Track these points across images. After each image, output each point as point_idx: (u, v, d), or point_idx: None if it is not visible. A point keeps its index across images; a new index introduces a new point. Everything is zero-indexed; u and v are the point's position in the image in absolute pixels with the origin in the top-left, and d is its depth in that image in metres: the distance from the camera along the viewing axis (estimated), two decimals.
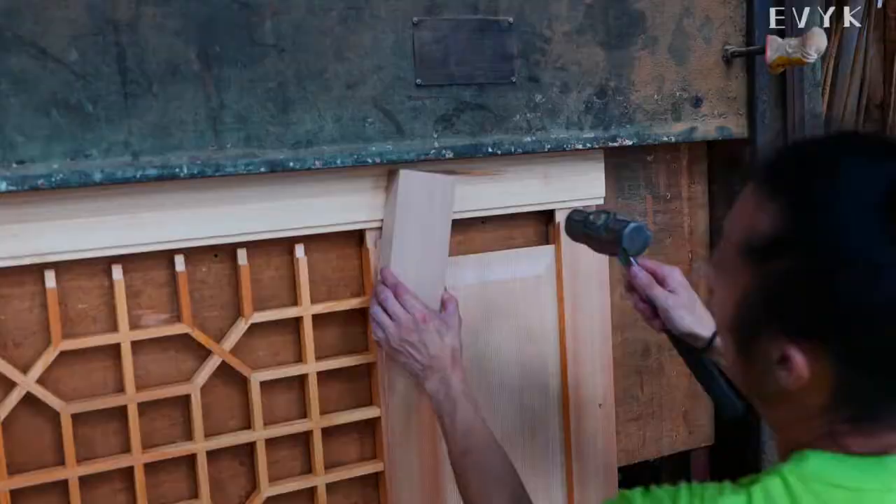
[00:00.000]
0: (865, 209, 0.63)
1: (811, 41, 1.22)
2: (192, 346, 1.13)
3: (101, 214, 1.04)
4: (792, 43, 1.24)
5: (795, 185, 0.67)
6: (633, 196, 1.40)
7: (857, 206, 0.64)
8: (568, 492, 1.36)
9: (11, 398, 1.04)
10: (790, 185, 0.68)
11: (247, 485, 1.18)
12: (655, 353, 1.44)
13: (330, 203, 1.15)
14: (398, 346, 1.13)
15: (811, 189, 0.66)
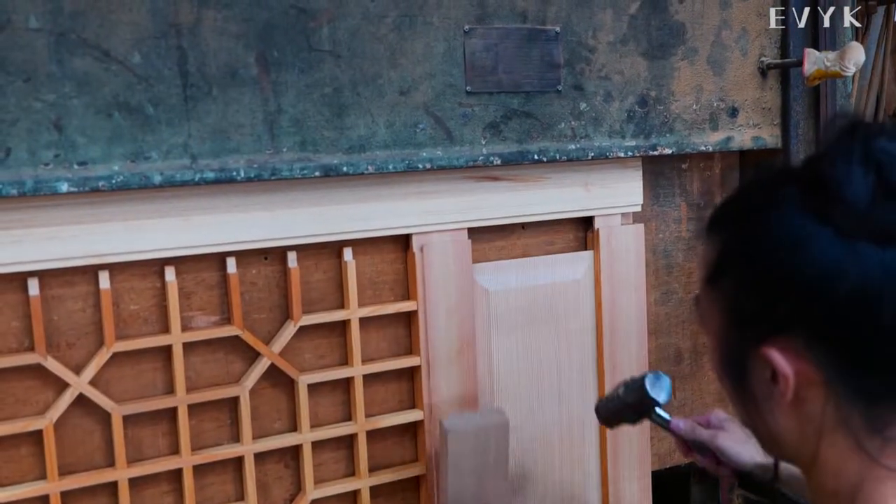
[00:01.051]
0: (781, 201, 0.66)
1: (849, 55, 1.24)
2: (241, 347, 1.13)
3: (157, 216, 1.04)
4: (830, 56, 1.26)
5: (729, 215, 0.72)
6: (668, 203, 1.41)
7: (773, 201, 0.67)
8: (603, 493, 1.36)
9: (64, 399, 1.04)
10: (726, 216, 0.73)
11: (291, 487, 1.18)
12: (688, 358, 1.45)
13: (379, 207, 1.15)
14: None
15: (740, 206, 0.71)
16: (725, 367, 0.72)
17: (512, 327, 1.27)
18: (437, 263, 1.20)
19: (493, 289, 1.25)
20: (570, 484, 1.34)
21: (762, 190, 0.70)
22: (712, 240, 0.72)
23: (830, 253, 0.63)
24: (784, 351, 0.66)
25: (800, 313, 0.65)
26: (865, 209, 0.62)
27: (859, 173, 0.63)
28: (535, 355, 1.29)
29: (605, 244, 1.32)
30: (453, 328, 1.22)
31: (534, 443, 1.31)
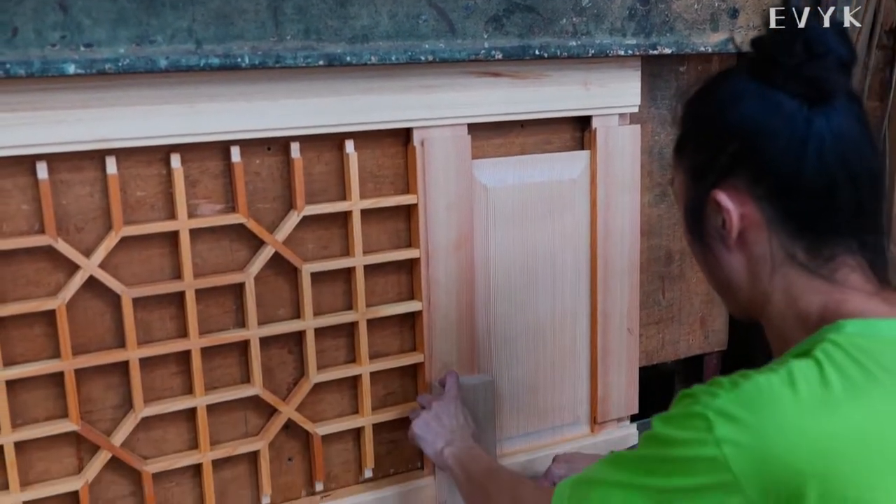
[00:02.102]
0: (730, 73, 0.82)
1: None
2: (246, 236, 1.15)
3: (162, 102, 1.05)
4: None
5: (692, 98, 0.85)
6: (665, 105, 1.43)
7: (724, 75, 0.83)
8: (592, 385, 1.42)
9: (75, 281, 1.06)
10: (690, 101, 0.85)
11: (294, 372, 1.22)
12: (678, 260, 1.49)
13: (380, 100, 1.16)
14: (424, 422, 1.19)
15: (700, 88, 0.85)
16: (689, 226, 0.83)
17: (509, 224, 1.30)
18: (437, 158, 1.22)
19: (491, 185, 1.27)
20: (560, 375, 1.39)
21: (720, 73, 0.85)
22: (681, 123, 0.85)
23: (766, 104, 0.75)
24: (729, 193, 0.77)
25: (740, 159, 0.77)
26: (795, 67, 0.74)
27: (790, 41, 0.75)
28: (530, 252, 1.33)
29: (601, 144, 1.34)
30: (452, 222, 1.25)
31: (526, 335, 1.35)
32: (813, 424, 0.68)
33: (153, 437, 1.16)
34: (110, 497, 1.14)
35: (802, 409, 0.69)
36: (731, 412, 0.69)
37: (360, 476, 1.29)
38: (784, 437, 0.68)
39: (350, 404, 1.27)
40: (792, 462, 0.67)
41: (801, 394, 0.69)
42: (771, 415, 0.69)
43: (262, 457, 1.21)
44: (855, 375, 0.70)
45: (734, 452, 0.68)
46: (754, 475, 0.68)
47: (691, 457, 0.71)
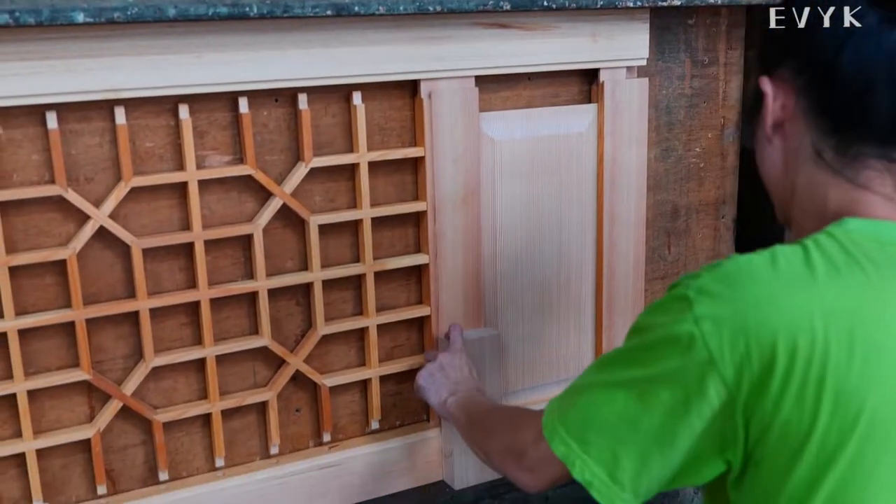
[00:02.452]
0: None
1: None
2: (254, 187, 1.16)
3: (170, 52, 1.05)
4: None
5: None
6: (673, 59, 1.42)
7: None
8: (596, 343, 1.43)
9: (85, 231, 1.07)
10: None
11: (302, 323, 1.24)
12: (684, 215, 1.49)
13: (388, 51, 1.16)
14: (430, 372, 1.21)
15: None
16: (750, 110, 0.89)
17: (516, 177, 1.30)
18: (444, 111, 1.21)
19: (498, 138, 1.27)
20: (566, 329, 1.40)
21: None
22: None
23: None
24: (775, 82, 0.80)
25: (788, 47, 0.79)
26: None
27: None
28: (536, 205, 1.33)
29: (609, 98, 1.33)
30: (459, 175, 1.25)
31: (532, 288, 1.36)
32: (787, 298, 0.69)
33: (163, 387, 1.17)
34: (121, 445, 1.16)
35: (779, 283, 0.70)
36: (710, 289, 0.71)
37: (366, 427, 1.31)
38: (758, 309, 0.69)
39: (357, 356, 1.28)
40: (764, 335, 0.69)
41: (781, 270, 0.71)
42: (748, 288, 0.70)
43: (271, 407, 1.22)
44: (839, 261, 0.71)
45: (711, 328, 0.70)
46: (729, 351, 0.70)
47: (670, 337, 0.72)
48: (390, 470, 1.30)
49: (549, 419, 0.83)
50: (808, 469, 0.70)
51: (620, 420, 0.76)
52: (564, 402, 0.84)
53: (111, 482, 1.16)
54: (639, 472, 0.76)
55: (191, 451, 1.21)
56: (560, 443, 0.80)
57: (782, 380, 0.69)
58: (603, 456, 0.77)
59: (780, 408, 0.69)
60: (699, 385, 0.71)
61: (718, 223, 1.53)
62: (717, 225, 1.53)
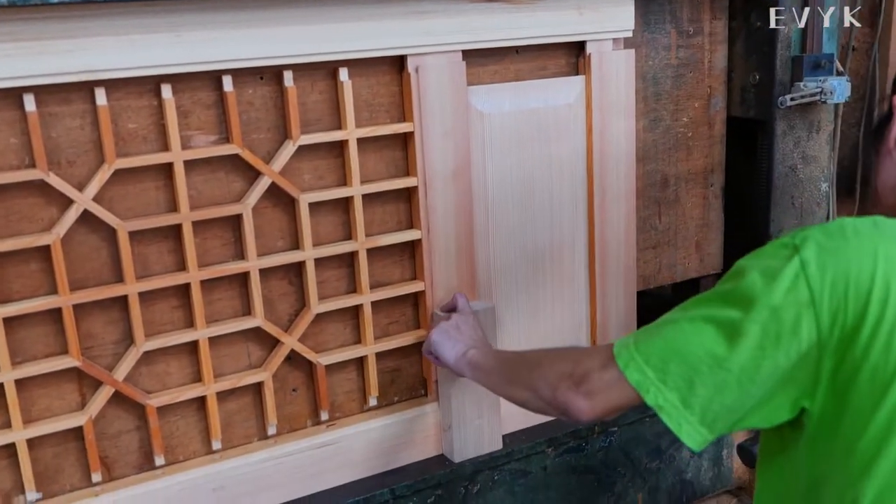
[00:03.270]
0: None
1: None
2: (241, 167, 1.10)
3: (150, 31, 0.99)
4: None
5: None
6: (658, 30, 1.37)
7: None
8: (591, 313, 1.40)
9: (69, 215, 1.01)
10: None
11: (295, 303, 1.19)
12: (674, 184, 1.45)
13: (374, 27, 1.10)
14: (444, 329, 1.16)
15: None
16: (876, 128, 0.91)
17: (505, 150, 1.25)
18: (432, 85, 1.16)
19: (487, 111, 1.22)
20: (560, 301, 1.37)
21: None
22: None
23: None
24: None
25: None
26: None
27: None
28: (527, 178, 1.28)
29: (596, 69, 1.28)
30: (449, 150, 1.20)
31: (525, 261, 1.32)
32: (886, 250, 0.74)
33: (156, 372, 1.12)
34: (115, 431, 1.12)
35: (882, 237, 0.75)
36: (817, 238, 0.76)
37: (364, 404, 1.27)
38: (860, 259, 0.74)
39: (352, 334, 1.24)
40: (863, 282, 0.73)
41: (882, 229, 0.77)
42: (851, 240, 0.75)
43: (267, 388, 1.18)
44: None
45: (815, 271, 0.73)
46: (829, 295, 0.73)
47: (773, 275, 0.75)
48: (389, 446, 1.26)
49: (624, 349, 0.82)
50: (889, 414, 0.73)
51: (706, 353, 0.76)
52: (644, 334, 0.83)
53: (106, 469, 1.11)
54: (711, 400, 0.77)
55: (186, 435, 1.16)
56: (635, 370, 0.80)
57: (873, 327, 0.73)
58: (679, 384, 0.78)
59: (868, 354, 0.73)
60: (794, 324, 0.74)
61: (707, 191, 1.49)
62: (706, 193, 1.50)
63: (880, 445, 0.74)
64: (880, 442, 0.74)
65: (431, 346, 1.17)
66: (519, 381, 0.98)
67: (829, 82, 1.39)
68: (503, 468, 1.31)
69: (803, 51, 1.42)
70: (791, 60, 1.42)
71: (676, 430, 0.78)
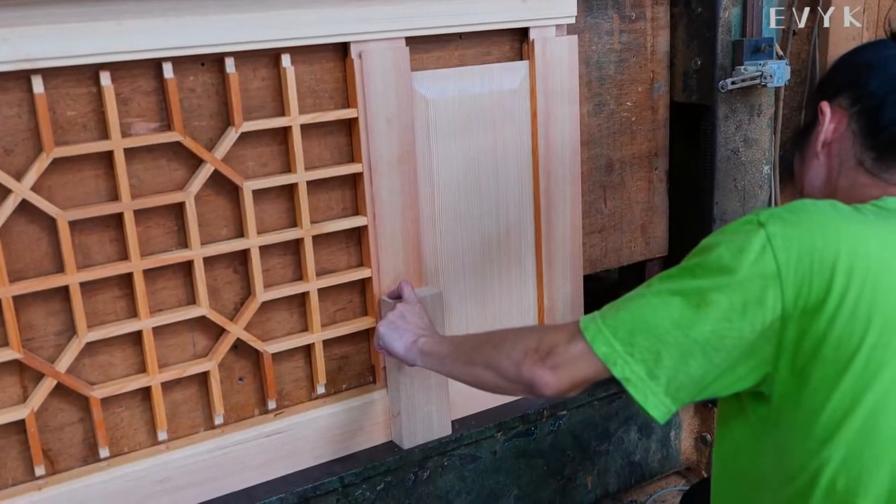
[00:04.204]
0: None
1: None
2: (183, 154, 1.13)
3: (88, 19, 1.01)
4: None
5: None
6: (601, 16, 1.43)
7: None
8: (538, 297, 1.45)
9: (7, 205, 1.03)
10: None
11: (241, 291, 1.22)
12: (618, 168, 1.52)
13: (316, 14, 1.14)
14: (391, 320, 1.19)
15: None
16: (801, 132, 1.00)
17: (451, 136, 1.30)
18: (375, 70, 1.21)
19: (431, 96, 1.27)
20: (507, 286, 1.42)
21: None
22: None
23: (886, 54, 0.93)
24: (832, 106, 0.95)
25: (849, 83, 0.94)
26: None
27: None
28: (473, 163, 1.33)
29: (539, 55, 1.34)
30: (394, 135, 1.24)
31: (472, 247, 1.37)
32: (848, 227, 0.81)
33: (99, 363, 1.15)
34: (58, 424, 1.14)
35: (841, 216, 0.83)
36: (781, 214, 0.82)
37: (312, 392, 1.31)
38: (824, 233, 0.80)
39: (299, 322, 1.28)
40: (828, 255, 0.78)
41: (840, 209, 0.84)
42: (814, 216, 0.82)
43: (213, 377, 1.21)
44: (886, 214, 0.85)
45: (781, 244, 0.79)
46: (794, 267, 0.79)
47: (739, 248, 0.80)
48: (338, 433, 1.30)
49: (591, 322, 0.86)
50: (853, 384, 0.79)
51: (672, 324, 0.81)
52: (611, 309, 0.87)
53: (49, 462, 1.14)
54: (677, 371, 0.82)
55: (131, 426, 1.19)
56: (603, 343, 0.84)
57: (838, 300, 0.78)
58: (645, 356, 0.82)
59: (833, 325, 0.78)
60: (760, 295, 0.79)
61: (652, 175, 1.56)
62: (650, 177, 1.56)
63: (844, 415, 0.79)
64: (844, 412, 0.79)
65: (380, 339, 1.20)
66: (478, 362, 1.00)
67: (769, 66, 1.47)
68: (452, 454, 1.36)
69: (743, 35, 1.49)
70: (732, 45, 1.49)
71: (642, 402, 0.83)
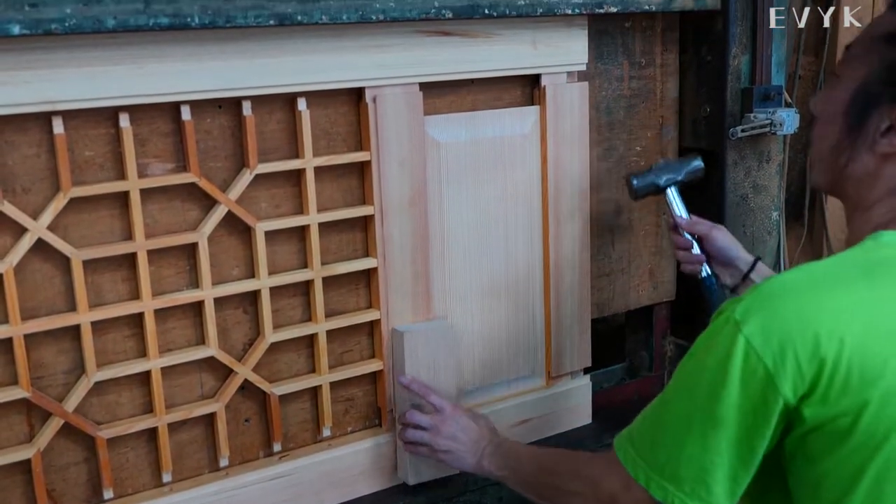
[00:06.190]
0: None
1: None
2: (197, 195, 1.19)
3: (110, 63, 1.07)
4: None
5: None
6: (611, 62, 1.50)
7: None
8: (546, 340, 1.50)
9: (23, 244, 1.08)
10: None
11: (250, 332, 1.27)
12: (627, 212, 1.58)
13: (332, 60, 1.20)
14: (444, 447, 1.25)
15: None
16: (850, 107, 0.93)
17: (462, 179, 1.36)
18: (389, 115, 1.27)
19: (443, 140, 1.33)
20: (515, 329, 1.47)
21: None
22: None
23: None
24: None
25: None
26: None
27: None
28: (483, 207, 1.39)
29: (550, 101, 1.40)
30: (405, 178, 1.30)
31: (481, 290, 1.42)
32: (828, 302, 0.82)
33: (107, 402, 1.19)
34: (64, 464, 1.17)
35: (818, 291, 0.83)
36: (753, 307, 0.83)
37: (318, 435, 1.35)
38: (801, 317, 0.81)
39: (307, 363, 1.32)
40: (810, 338, 0.80)
41: (817, 279, 0.84)
42: (790, 302, 0.82)
43: (219, 419, 1.25)
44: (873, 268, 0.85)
45: (761, 342, 0.82)
46: (781, 361, 0.81)
47: (726, 357, 0.83)
48: (343, 477, 1.34)
49: (635, 466, 0.94)
50: (855, 456, 0.83)
51: (704, 452, 0.88)
52: (643, 444, 0.94)
53: (53, 503, 1.17)
54: (732, 491, 0.89)
55: (136, 467, 1.23)
56: (657, 487, 0.91)
57: (828, 380, 0.81)
58: (696, 489, 0.89)
59: (829, 403, 0.81)
60: (763, 401, 0.83)
61: (660, 220, 1.62)
62: (659, 221, 1.62)
63: (848, 488, 0.84)
64: (847, 485, 0.84)
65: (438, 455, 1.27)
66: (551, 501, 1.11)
67: (779, 114, 1.53)
68: (458, 500, 1.40)
69: (752, 82, 1.56)
70: (741, 92, 1.56)
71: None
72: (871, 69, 0.91)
